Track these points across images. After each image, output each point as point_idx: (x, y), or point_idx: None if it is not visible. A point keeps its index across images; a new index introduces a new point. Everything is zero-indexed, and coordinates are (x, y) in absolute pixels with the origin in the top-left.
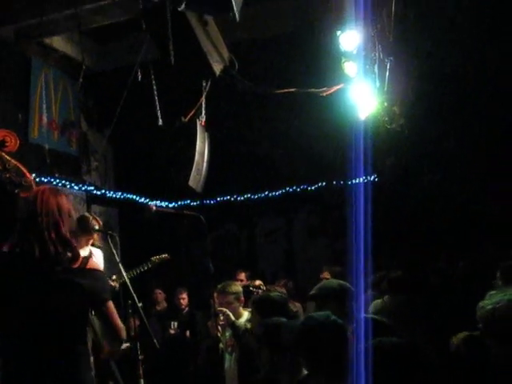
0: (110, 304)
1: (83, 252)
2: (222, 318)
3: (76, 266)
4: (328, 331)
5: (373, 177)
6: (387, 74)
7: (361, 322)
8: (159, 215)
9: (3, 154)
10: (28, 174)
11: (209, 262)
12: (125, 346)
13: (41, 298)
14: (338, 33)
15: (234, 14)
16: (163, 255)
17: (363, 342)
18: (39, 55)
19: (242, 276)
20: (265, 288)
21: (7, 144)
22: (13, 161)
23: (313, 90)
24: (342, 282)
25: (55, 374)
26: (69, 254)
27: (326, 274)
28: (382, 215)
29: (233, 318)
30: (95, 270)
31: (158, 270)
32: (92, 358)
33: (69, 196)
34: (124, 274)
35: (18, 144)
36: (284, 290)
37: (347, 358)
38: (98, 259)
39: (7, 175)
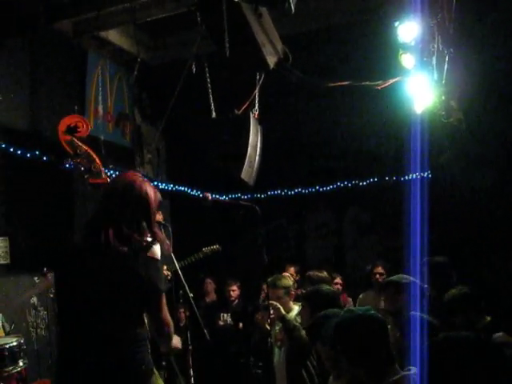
0: (163, 297)
1: None
2: (272, 311)
3: (141, 253)
4: (366, 324)
5: (426, 173)
6: (446, 66)
7: (415, 320)
8: (214, 205)
9: (75, 139)
10: (98, 161)
11: (263, 252)
12: (176, 341)
13: (103, 281)
14: (396, 24)
15: (290, 6)
16: (214, 246)
17: (415, 339)
18: (95, 48)
19: (292, 270)
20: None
21: (79, 130)
22: (84, 146)
23: (368, 83)
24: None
25: (110, 358)
26: (142, 241)
27: (380, 269)
28: (435, 212)
29: (283, 311)
30: (156, 260)
31: (211, 261)
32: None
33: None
34: (176, 263)
35: (89, 130)
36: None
37: (387, 352)
38: (155, 249)
39: (78, 160)
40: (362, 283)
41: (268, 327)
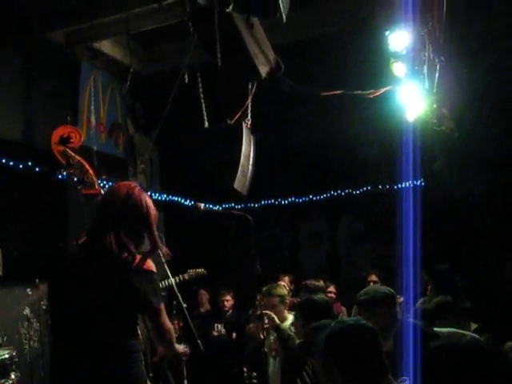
0: (160, 306)
1: None
2: (266, 321)
3: (136, 265)
4: (357, 334)
5: (419, 181)
6: (437, 74)
7: (409, 328)
8: (207, 215)
9: (68, 149)
10: (91, 171)
11: (257, 262)
12: (182, 348)
13: (99, 289)
14: (387, 33)
15: (281, 16)
16: (200, 270)
17: (411, 348)
18: (88, 59)
19: (286, 280)
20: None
21: (72, 140)
22: (77, 157)
23: (359, 91)
24: (388, 288)
25: (105, 365)
26: (135, 253)
27: (373, 277)
28: (429, 220)
29: (277, 321)
30: (152, 272)
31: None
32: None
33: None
34: (170, 275)
35: (82, 141)
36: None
37: (379, 362)
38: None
39: (71, 171)
40: (356, 292)
41: (262, 337)
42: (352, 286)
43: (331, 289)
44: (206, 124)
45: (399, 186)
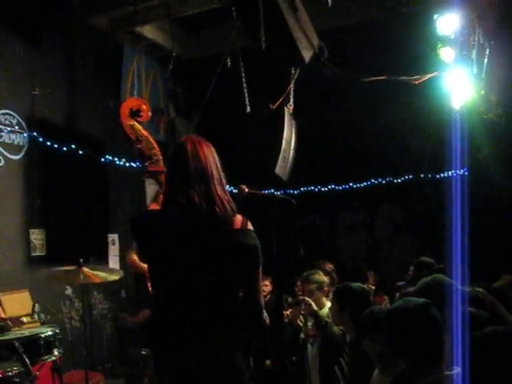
0: (260, 270)
1: None
2: (303, 307)
3: (239, 226)
4: (420, 316)
5: (463, 170)
6: (486, 60)
7: (459, 316)
8: (250, 198)
9: (136, 123)
10: (157, 148)
11: (299, 246)
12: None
13: (211, 259)
14: (436, 16)
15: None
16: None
17: (460, 335)
18: (131, 43)
19: (329, 266)
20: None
21: (142, 114)
22: (144, 132)
23: (404, 77)
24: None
25: (210, 338)
26: (231, 212)
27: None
28: (473, 210)
29: (315, 307)
30: (253, 231)
31: None
32: None
33: None
34: None
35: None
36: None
37: (435, 349)
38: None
39: (139, 146)
40: (397, 281)
41: (300, 323)
42: (392, 274)
43: (371, 279)
44: (248, 109)
45: (442, 175)
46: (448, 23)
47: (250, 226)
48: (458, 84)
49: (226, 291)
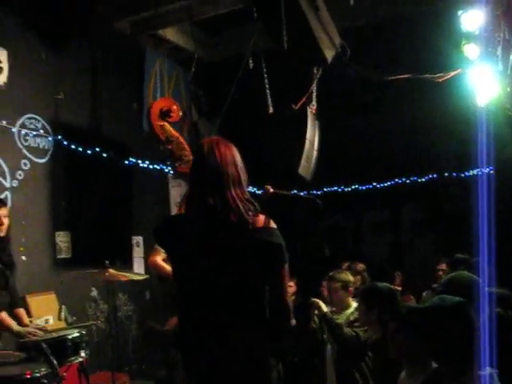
0: (286, 269)
1: None
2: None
3: (261, 224)
4: (457, 316)
5: (489, 169)
6: (511, 56)
7: (486, 315)
8: (275, 198)
9: (167, 124)
10: (188, 149)
11: (325, 246)
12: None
13: (231, 259)
14: (460, 12)
15: None
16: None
17: (487, 336)
18: (153, 46)
19: (360, 266)
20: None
21: (172, 114)
22: (175, 133)
23: (428, 75)
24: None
25: (235, 342)
26: (252, 212)
27: (443, 266)
28: (499, 209)
29: (325, 309)
30: (276, 229)
31: None
32: None
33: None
34: None
35: (181, 116)
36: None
37: (470, 349)
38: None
39: (169, 147)
40: (422, 281)
41: (313, 325)
42: (417, 274)
43: (398, 279)
44: (271, 110)
45: (466, 173)
46: (472, 19)
47: (272, 225)
48: (483, 81)
49: (250, 291)
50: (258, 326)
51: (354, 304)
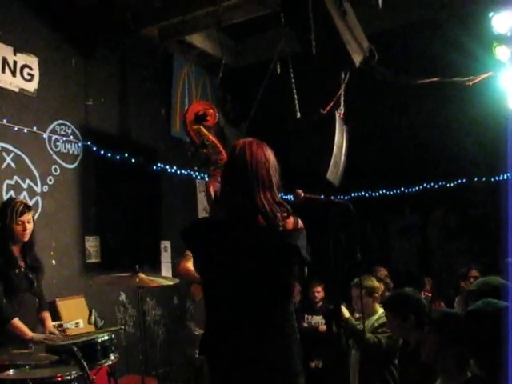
0: (306, 271)
1: None
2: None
3: (291, 226)
4: (501, 319)
5: None
6: None
7: None
8: (305, 203)
9: (203, 128)
10: (224, 153)
11: (357, 250)
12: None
13: (259, 260)
14: (491, 14)
15: (377, 0)
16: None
17: None
18: (181, 52)
19: (383, 272)
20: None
21: (208, 118)
22: (211, 136)
23: (458, 79)
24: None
25: (265, 343)
26: (283, 214)
27: (474, 272)
28: None
29: (347, 314)
30: (303, 228)
31: None
32: None
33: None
34: None
35: (217, 119)
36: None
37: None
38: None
39: (204, 151)
40: (452, 287)
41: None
42: (446, 280)
43: (428, 285)
44: (298, 115)
45: (497, 178)
46: (504, 21)
47: (301, 225)
48: None
49: (279, 293)
50: (289, 329)
51: (380, 310)
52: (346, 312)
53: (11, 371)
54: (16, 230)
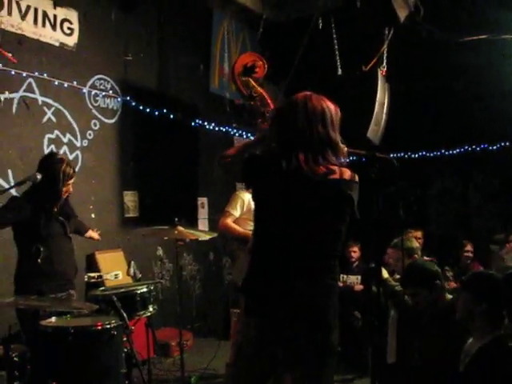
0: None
1: None
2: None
3: (348, 177)
4: None
5: None
6: None
7: None
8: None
9: (251, 80)
10: (272, 105)
11: (400, 209)
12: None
13: (315, 199)
14: None
15: None
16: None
17: None
18: (220, 7)
19: (419, 234)
20: None
21: (257, 70)
22: (259, 89)
23: (507, 36)
24: None
25: (310, 284)
26: (338, 165)
27: None
28: None
29: (385, 275)
30: (357, 182)
31: None
32: None
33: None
34: None
35: (266, 71)
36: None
37: None
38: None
39: (252, 103)
40: (491, 251)
41: (375, 289)
42: (485, 243)
43: (469, 247)
44: (340, 71)
45: None
46: None
47: (356, 179)
48: None
49: (329, 239)
50: (333, 276)
51: None
52: (385, 272)
53: (53, 318)
54: (61, 191)
